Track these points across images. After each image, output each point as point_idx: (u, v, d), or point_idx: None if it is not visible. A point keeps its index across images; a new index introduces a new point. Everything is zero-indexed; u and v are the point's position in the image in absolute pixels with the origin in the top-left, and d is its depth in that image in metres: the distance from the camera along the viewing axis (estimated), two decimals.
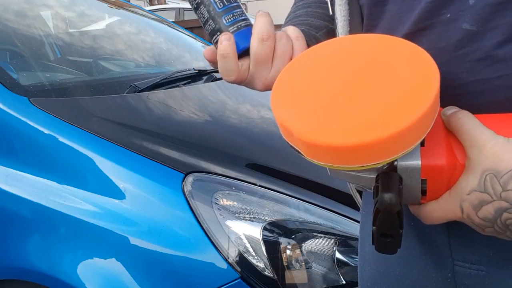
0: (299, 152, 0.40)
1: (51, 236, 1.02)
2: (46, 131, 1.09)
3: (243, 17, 0.48)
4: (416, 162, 0.38)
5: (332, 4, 0.54)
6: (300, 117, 0.38)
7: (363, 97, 0.37)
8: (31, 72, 1.49)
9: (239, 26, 0.47)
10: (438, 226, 0.48)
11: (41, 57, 1.65)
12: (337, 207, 1.09)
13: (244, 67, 0.48)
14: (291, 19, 0.59)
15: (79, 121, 1.13)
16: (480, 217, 0.38)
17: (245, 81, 0.50)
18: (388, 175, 0.38)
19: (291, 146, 0.41)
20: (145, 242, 0.96)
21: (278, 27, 0.53)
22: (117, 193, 1.01)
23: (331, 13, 0.56)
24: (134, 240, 0.96)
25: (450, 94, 0.42)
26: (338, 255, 1.02)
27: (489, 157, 0.36)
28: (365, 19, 0.50)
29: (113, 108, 1.29)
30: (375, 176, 0.39)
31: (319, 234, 1.03)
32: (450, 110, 0.40)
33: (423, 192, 0.40)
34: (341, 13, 0.51)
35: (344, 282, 1.00)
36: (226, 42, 0.46)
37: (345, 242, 1.03)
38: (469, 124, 0.38)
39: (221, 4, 0.47)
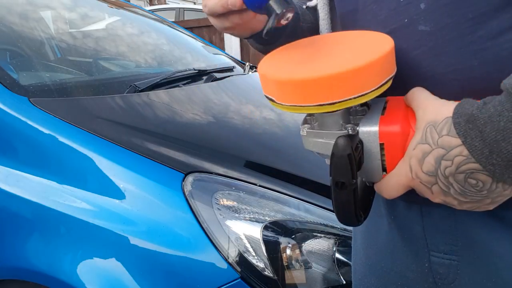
0: (272, 101, 0.47)
1: (51, 236, 1.02)
2: (46, 131, 1.09)
3: None
4: (375, 127, 0.44)
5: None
6: (275, 68, 0.47)
7: (328, 57, 0.45)
8: (31, 72, 1.49)
9: None
10: (414, 218, 0.53)
11: (41, 57, 1.65)
12: None
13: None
14: None
15: (79, 121, 1.13)
16: (424, 171, 0.42)
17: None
18: (349, 134, 0.45)
19: (267, 97, 0.48)
20: (145, 242, 0.96)
21: None
22: (117, 193, 1.01)
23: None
24: (134, 240, 0.96)
25: None
26: (338, 255, 1.02)
27: (431, 112, 0.42)
28: (340, 28, 0.57)
29: (113, 108, 1.29)
30: None
31: (319, 234, 1.03)
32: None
33: (384, 169, 0.46)
34: (324, 27, 0.59)
35: (344, 282, 1.00)
36: None
37: (345, 242, 1.03)
38: (418, 92, 0.45)
39: None
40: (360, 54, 0.43)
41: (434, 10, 0.44)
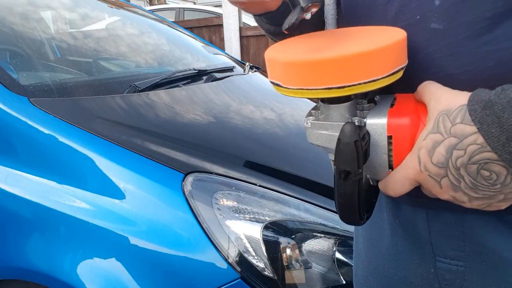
0: (278, 86, 0.45)
1: (51, 236, 1.02)
2: (46, 131, 1.09)
3: None
4: (383, 119, 0.43)
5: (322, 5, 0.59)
6: (283, 51, 0.45)
7: (340, 43, 0.44)
8: (31, 72, 1.49)
9: None
10: (420, 222, 0.51)
11: (41, 57, 1.65)
12: None
13: None
14: None
15: (79, 121, 1.13)
16: (434, 163, 0.39)
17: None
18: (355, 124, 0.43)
19: (272, 83, 0.46)
20: (145, 242, 0.96)
21: None
22: (117, 193, 1.01)
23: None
24: (134, 240, 0.96)
25: None
26: (338, 255, 1.01)
27: (444, 102, 0.40)
28: (344, 23, 0.54)
29: (113, 108, 1.29)
30: None
31: (319, 234, 1.03)
32: None
33: (390, 166, 0.44)
34: (329, 12, 0.56)
35: (344, 282, 1.00)
36: None
37: (345, 242, 1.03)
38: (430, 84, 0.43)
39: None
40: (372, 40, 0.42)
41: (449, 7, 0.42)
